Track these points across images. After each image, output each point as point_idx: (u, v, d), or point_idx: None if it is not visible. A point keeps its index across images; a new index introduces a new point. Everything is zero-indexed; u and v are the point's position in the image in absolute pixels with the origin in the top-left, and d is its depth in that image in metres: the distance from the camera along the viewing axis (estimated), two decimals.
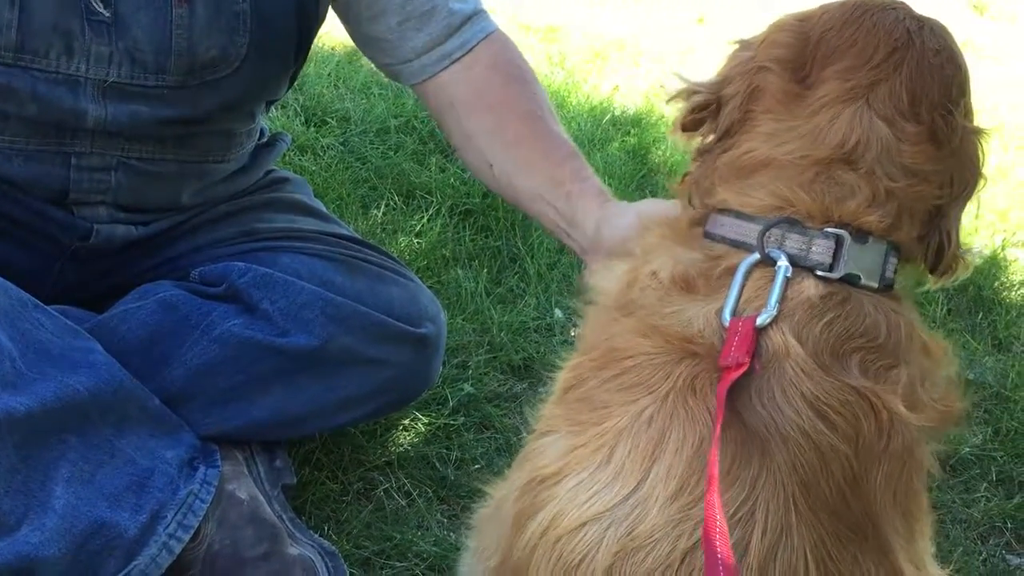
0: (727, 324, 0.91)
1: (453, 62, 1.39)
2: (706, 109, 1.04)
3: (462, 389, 1.71)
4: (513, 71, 1.41)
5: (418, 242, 2.10)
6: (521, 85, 1.40)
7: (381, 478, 1.53)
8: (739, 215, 0.97)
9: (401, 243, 2.09)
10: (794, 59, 0.99)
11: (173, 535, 1.17)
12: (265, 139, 1.54)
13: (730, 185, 0.99)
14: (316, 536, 1.31)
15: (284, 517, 1.29)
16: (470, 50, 1.39)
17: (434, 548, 1.40)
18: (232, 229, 1.43)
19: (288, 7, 1.31)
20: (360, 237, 1.53)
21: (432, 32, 1.37)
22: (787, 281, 0.92)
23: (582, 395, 0.95)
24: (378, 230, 2.11)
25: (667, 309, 0.94)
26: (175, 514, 1.18)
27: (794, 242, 0.94)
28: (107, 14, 1.19)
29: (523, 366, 1.81)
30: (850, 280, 0.94)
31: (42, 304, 1.18)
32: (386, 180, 2.25)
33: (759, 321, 0.90)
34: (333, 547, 1.30)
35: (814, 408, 0.88)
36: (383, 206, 2.17)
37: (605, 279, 1.03)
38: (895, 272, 0.97)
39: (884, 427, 0.89)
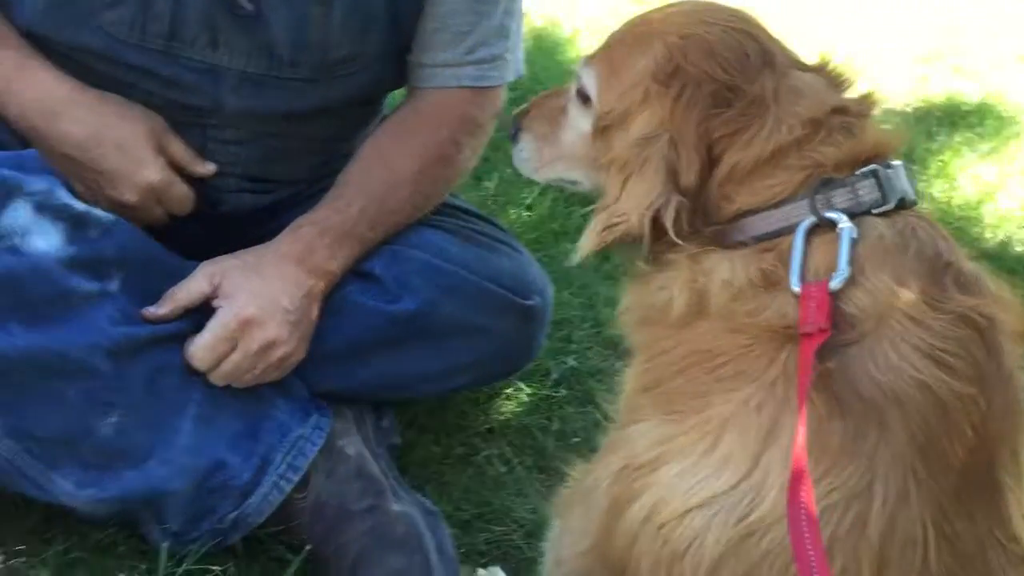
0: (798, 291, 0.91)
1: (440, 88, 1.38)
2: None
3: (565, 362, 1.73)
4: (446, 135, 1.38)
5: (528, 215, 2.12)
6: (433, 156, 1.38)
7: (482, 444, 1.57)
8: (766, 208, 0.98)
9: (511, 216, 2.12)
10: (708, 93, 0.99)
11: (283, 476, 1.24)
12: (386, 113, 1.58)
13: (739, 193, 0.99)
14: (418, 495, 1.35)
15: (388, 475, 1.34)
16: (453, 87, 1.38)
17: (531, 515, 1.42)
18: None
19: (416, 8, 1.34)
20: (472, 208, 1.56)
21: (455, 54, 1.37)
22: (853, 241, 0.92)
23: (669, 389, 0.96)
24: (489, 202, 2.14)
25: (751, 306, 0.94)
26: (285, 456, 1.25)
27: (841, 196, 0.95)
28: (250, 9, 1.25)
29: None
30: (902, 205, 0.96)
31: (176, 258, 1.27)
32: (499, 152, 2.28)
33: (833, 284, 0.90)
34: (434, 507, 1.34)
35: (931, 357, 0.87)
36: (496, 178, 2.20)
37: (649, 296, 1.02)
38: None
39: (992, 347, 0.90)
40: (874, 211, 0.95)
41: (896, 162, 0.99)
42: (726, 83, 0.99)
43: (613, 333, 1.78)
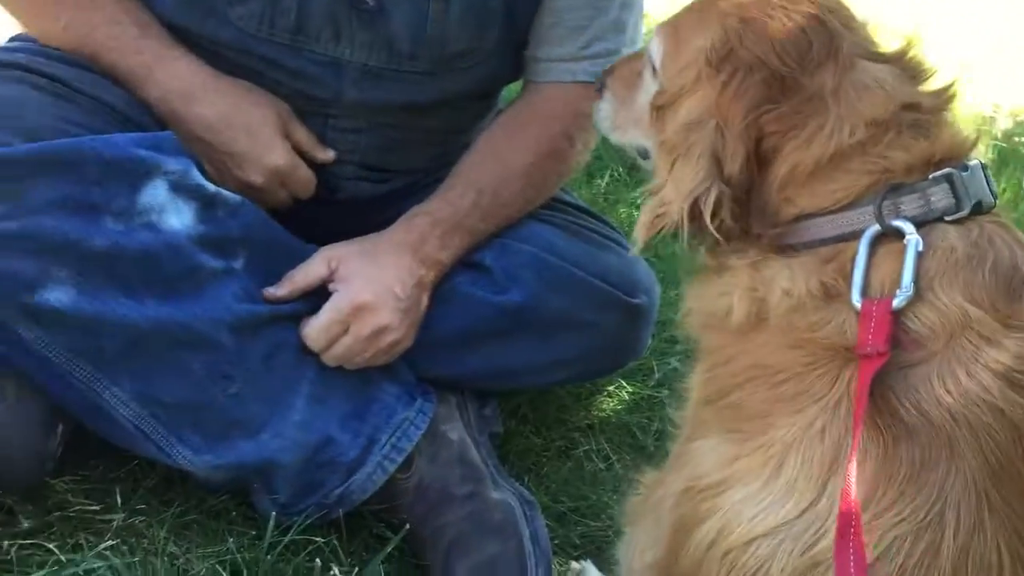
0: (859, 307, 0.86)
1: (555, 83, 1.39)
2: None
3: (669, 363, 1.72)
4: (559, 129, 1.39)
5: (638, 214, 2.11)
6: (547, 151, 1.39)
7: (582, 439, 1.58)
8: (828, 213, 0.92)
9: (621, 214, 2.12)
10: (760, 81, 0.94)
11: (387, 456, 1.28)
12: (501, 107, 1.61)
13: (799, 195, 0.94)
14: (516, 484, 1.37)
15: (489, 463, 1.37)
16: (568, 82, 1.38)
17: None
18: None
19: (533, 3, 1.36)
20: (582, 204, 1.57)
21: (570, 49, 1.37)
22: (919, 254, 0.87)
23: (731, 403, 0.93)
24: (600, 199, 2.14)
25: (811, 319, 0.90)
26: (390, 437, 1.28)
27: (911, 203, 0.90)
28: (372, 4, 1.29)
29: None
30: (978, 210, 0.90)
31: (297, 240, 1.32)
32: (612, 151, 2.28)
33: (896, 303, 0.85)
34: (531, 497, 1.35)
35: (1005, 378, 0.83)
36: (607, 176, 2.21)
37: (710, 301, 0.99)
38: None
39: None
40: (947, 218, 0.90)
41: (973, 162, 0.93)
42: (781, 73, 0.94)
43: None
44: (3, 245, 1.09)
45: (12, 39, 1.37)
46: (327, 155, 1.38)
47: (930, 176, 0.91)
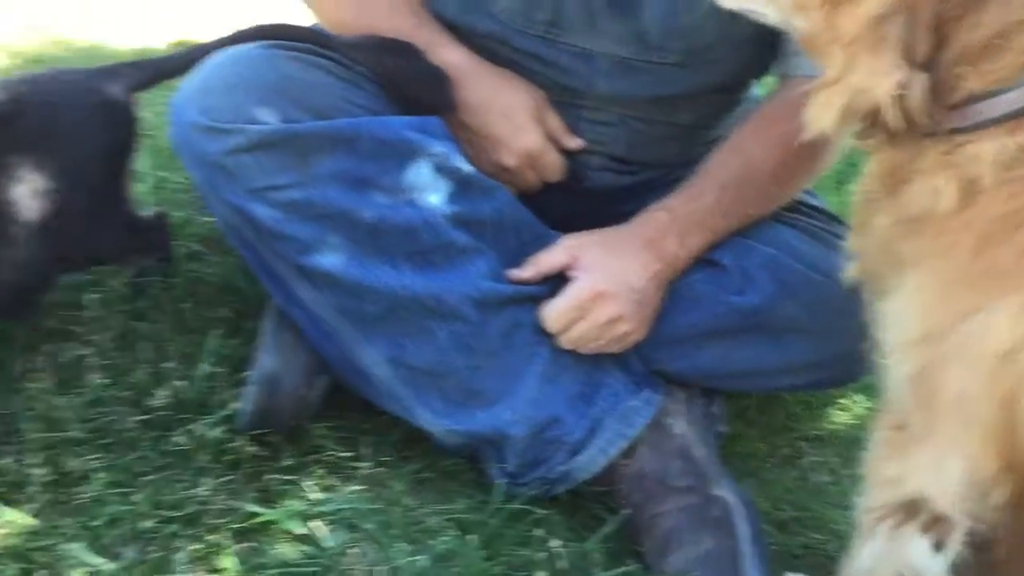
0: None
1: (810, 78, 1.31)
2: None
3: None
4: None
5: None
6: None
7: (810, 450, 1.55)
8: (1004, 91, 0.93)
9: None
10: None
11: (611, 441, 1.31)
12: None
13: (970, 75, 0.96)
14: (737, 486, 1.37)
15: (711, 460, 1.37)
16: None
17: (852, 531, 1.38)
18: None
19: None
20: (825, 206, 1.53)
21: None
22: None
23: (982, 272, 0.94)
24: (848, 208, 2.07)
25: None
26: (615, 423, 1.32)
27: None
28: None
29: None
30: None
31: (541, 225, 1.38)
32: (864, 157, 2.19)
33: None
34: (751, 498, 1.34)
35: None
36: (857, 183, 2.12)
37: (909, 206, 0.99)
38: None
39: None
40: None
41: None
42: None
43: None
44: (291, 210, 1.22)
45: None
46: (576, 143, 1.43)
47: None
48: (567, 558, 1.24)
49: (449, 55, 1.39)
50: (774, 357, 1.39)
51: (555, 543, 1.25)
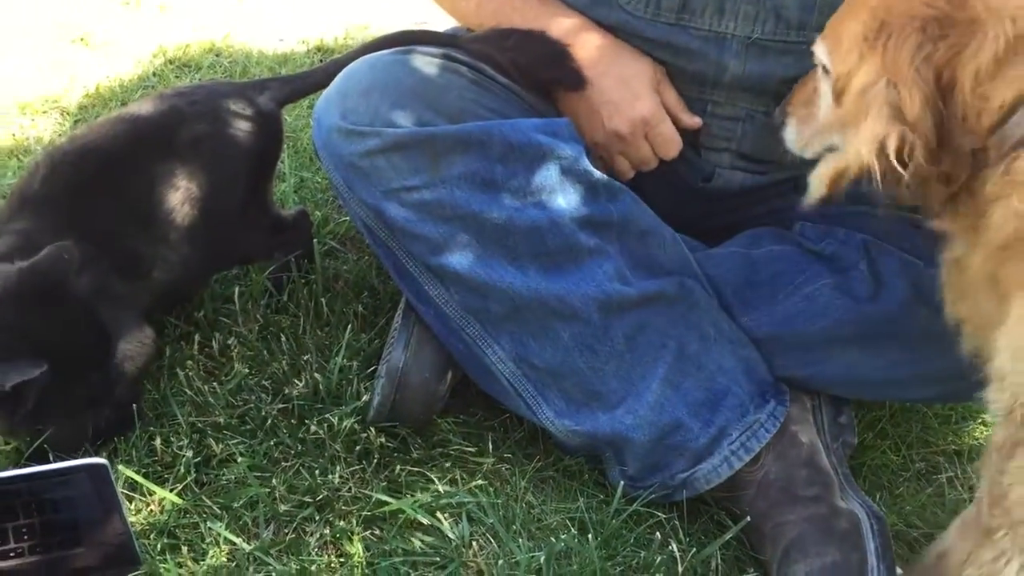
0: None
1: None
2: None
3: None
4: None
5: None
6: None
7: (947, 465, 1.48)
8: None
9: None
10: (916, 30, 1.02)
11: (735, 453, 1.30)
12: None
13: (994, 89, 0.99)
14: (866, 498, 1.33)
15: (839, 471, 1.34)
16: None
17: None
18: None
19: None
20: None
21: None
22: None
23: None
24: None
25: None
26: (739, 435, 1.30)
27: None
28: None
29: None
30: None
31: (668, 228, 1.38)
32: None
33: None
34: (882, 513, 1.30)
35: None
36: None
37: (995, 233, 0.99)
38: None
39: None
40: None
41: None
42: (933, 16, 1.03)
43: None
44: (422, 210, 1.27)
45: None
46: (693, 120, 1.42)
47: None
48: (687, 562, 1.23)
49: (569, 23, 1.40)
50: (907, 366, 1.35)
51: (675, 547, 1.24)
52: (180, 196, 1.34)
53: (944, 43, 1.02)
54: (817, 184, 1.13)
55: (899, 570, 1.26)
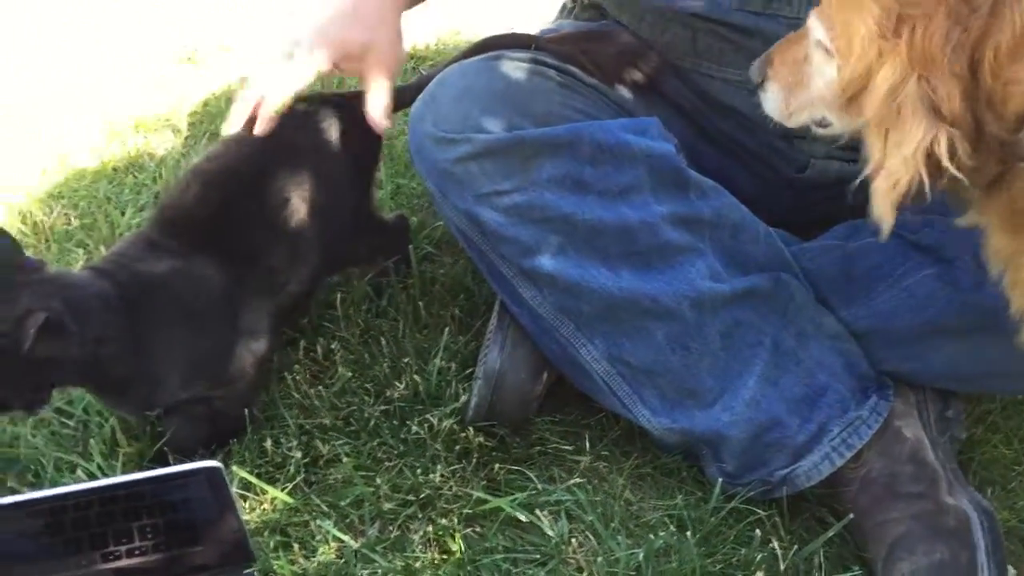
0: None
1: None
2: None
3: None
4: None
5: None
6: None
7: None
8: None
9: None
10: (943, 16, 0.92)
11: (836, 449, 1.28)
12: None
13: (1015, 70, 0.90)
14: (976, 494, 1.29)
15: (946, 466, 1.30)
16: None
17: None
18: None
19: None
20: None
21: None
22: None
23: None
24: None
25: None
26: (840, 431, 1.28)
27: None
28: None
29: None
30: None
31: (761, 223, 1.37)
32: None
33: None
34: (992, 509, 1.27)
35: None
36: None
37: None
38: None
39: None
40: None
41: None
42: None
43: None
44: (513, 214, 1.29)
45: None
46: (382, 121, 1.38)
47: None
48: (788, 560, 1.23)
49: None
50: (1015, 358, 1.30)
51: (776, 544, 1.24)
52: (304, 208, 1.38)
53: (975, 22, 0.92)
54: (882, 214, 0.99)
55: (1012, 569, 1.22)
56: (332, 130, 1.44)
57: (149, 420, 1.33)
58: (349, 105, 1.45)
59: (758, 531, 1.26)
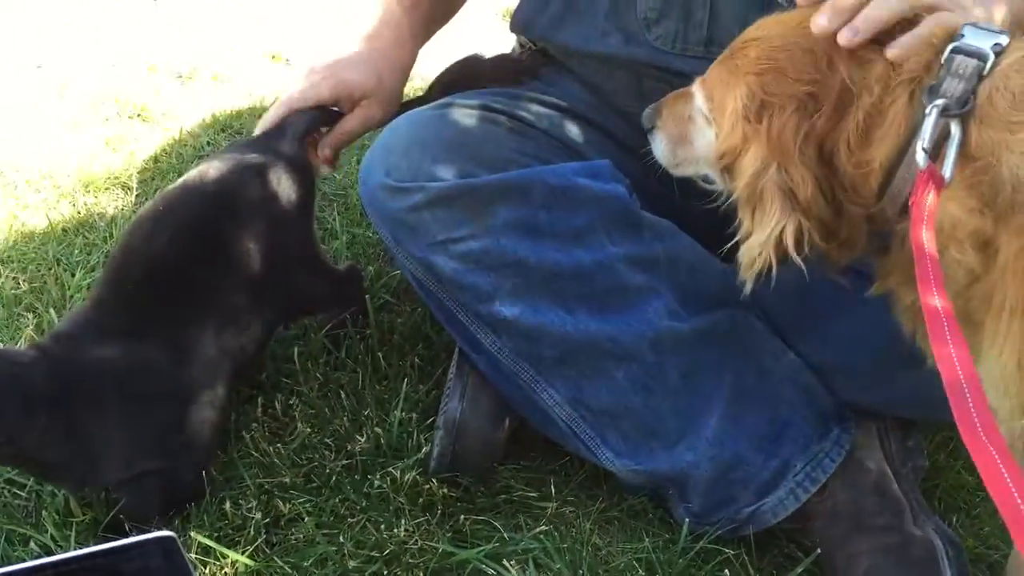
0: None
1: None
2: None
3: None
4: None
5: None
6: None
7: None
8: (904, 145, 0.98)
9: None
10: (793, 110, 1.02)
11: (800, 484, 1.28)
12: None
13: (867, 152, 1.00)
14: (942, 523, 1.30)
15: (910, 496, 1.31)
16: None
17: None
18: None
19: None
20: None
21: None
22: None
23: None
24: None
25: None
26: (804, 466, 1.28)
27: (950, 85, 0.95)
28: (785, 4, 1.30)
29: None
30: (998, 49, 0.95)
31: (717, 261, 1.36)
32: None
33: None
34: (957, 538, 1.27)
35: None
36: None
37: (955, 284, 0.95)
38: None
39: None
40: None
41: (966, 28, 0.96)
42: (808, 92, 1.01)
43: None
44: (469, 260, 1.28)
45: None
46: (325, 156, 1.52)
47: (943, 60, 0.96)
48: None
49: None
50: None
51: None
52: (254, 252, 1.36)
53: (823, 113, 1.01)
54: (744, 277, 1.08)
55: None
56: (269, 174, 1.41)
57: (99, 491, 1.30)
58: (272, 147, 1.43)
59: (727, 571, 1.25)
